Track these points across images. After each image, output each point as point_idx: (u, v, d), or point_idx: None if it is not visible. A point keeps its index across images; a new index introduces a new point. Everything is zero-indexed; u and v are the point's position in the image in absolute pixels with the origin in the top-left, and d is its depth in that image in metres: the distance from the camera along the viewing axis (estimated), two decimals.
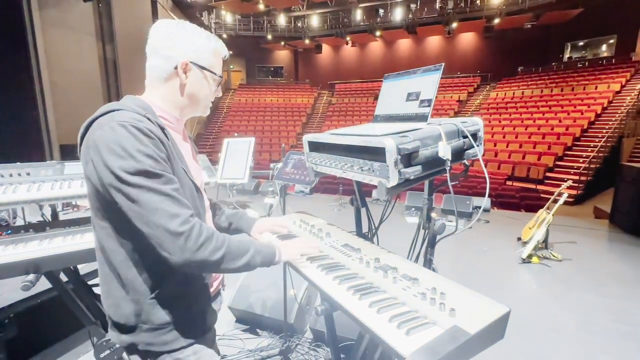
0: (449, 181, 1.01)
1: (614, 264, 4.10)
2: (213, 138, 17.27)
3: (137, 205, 0.79)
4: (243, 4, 16.41)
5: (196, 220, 0.86)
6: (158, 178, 0.82)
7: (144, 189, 0.79)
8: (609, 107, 12.43)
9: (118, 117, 0.84)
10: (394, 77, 1.30)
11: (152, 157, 0.82)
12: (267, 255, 1.01)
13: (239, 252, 0.93)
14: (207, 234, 0.86)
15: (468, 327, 0.71)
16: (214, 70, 1.01)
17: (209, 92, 1.03)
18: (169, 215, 0.80)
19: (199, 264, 0.85)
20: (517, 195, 8.51)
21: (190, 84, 0.98)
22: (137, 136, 0.81)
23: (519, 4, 14.98)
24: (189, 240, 0.82)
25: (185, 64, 0.95)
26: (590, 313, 2.96)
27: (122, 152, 0.79)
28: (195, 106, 1.03)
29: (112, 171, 0.79)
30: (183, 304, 0.96)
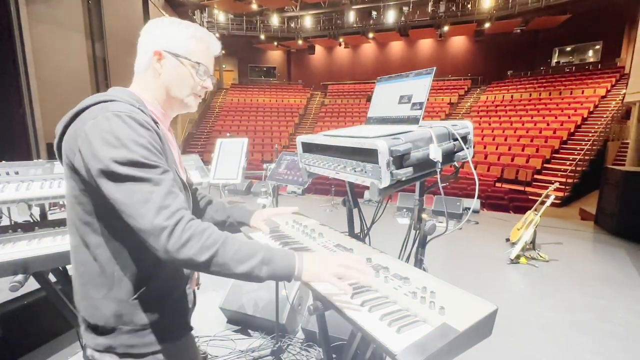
0: (439, 183, 1.04)
1: (598, 264, 4.21)
2: (204, 138, 17.14)
3: (125, 196, 0.75)
4: (236, 3, 16.34)
5: (185, 213, 0.78)
6: (151, 168, 0.77)
7: (135, 179, 0.75)
8: (595, 111, 12.75)
9: (112, 107, 0.80)
10: (386, 80, 1.33)
11: (146, 148, 0.78)
12: (280, 268, 0.83)
13: (238, 257, 0.80)
14: (194, 229, 0.77)
15: (457, 324, 0.73)
16: (191, 58, 0.94)
17: (192, 82, 0.96)
18: (157, 207, 0.74)
19: (184, 263, 0.77)
20: (505, 197, 8.66)
21: (166, 74, 0.93)
22: (132, 126, 0.78)
23: (509, 9, 15.26)
24: (172, 236, 0.74)
25: (159, 53, 0.91)
26: (576, 312, 3.03)
27: (115, 141, 0.75)
28: (177, 99, 0.97)
29: (103, 161, 0.75)
30: (167, 303, 0.92)
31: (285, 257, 0.85)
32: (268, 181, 1.83)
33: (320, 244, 1.23)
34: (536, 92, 15.09)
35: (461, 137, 1.09)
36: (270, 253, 0.83)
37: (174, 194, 0.79)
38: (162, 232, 0.74)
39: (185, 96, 0.97)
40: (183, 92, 0.96)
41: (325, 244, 1.23)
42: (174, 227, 0.75)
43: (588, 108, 12.80)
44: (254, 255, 0.81)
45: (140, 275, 0.87)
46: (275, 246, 1.25)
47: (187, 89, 0.97)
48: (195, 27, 0.97)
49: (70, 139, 0.81)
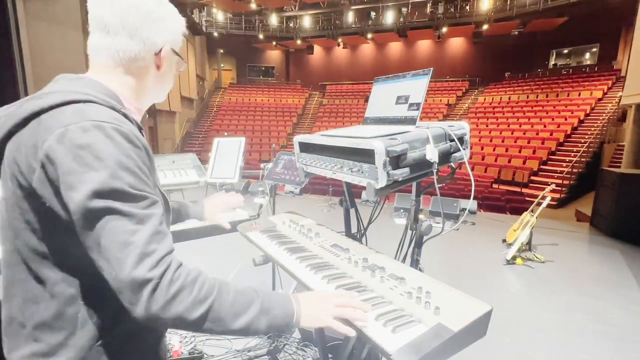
0: (435, 183, 1.04)
1: (593, 265, 4.23)
2: (202, 137, 17.10)
3: (99, 235, 0.59)
4: (235, 3, 16.32)
5: (173, 259, 0.63)
6: (137, 202, 0.61)
7: (114, 214, 0.59)
8: (591, 113, 12.84)
9: (91, 114, 0.63)
10: (384, 81, 1.33)
11: (134, 174, 0.62)
12: (280, 316, 0.72)
13: (235, 309, 0.67)
14: (184, 279, 0.62)
15: (452, 324, 0.73)
16: (182, 55, 0.87)
17: (174, 76, 0.90)
18: (139, 254, 0.59)
19: (170, 322, 0.61)
20: (502, 198, 8.69)
21: (165, 72, 0.84)
22: (119, 143, 0.62)
23: (507, 11, 15.35)
24: (157, 291, 0.59)
25: (168, 49, 0.81)
26: (571, 313, 3.05)
27: (95, 163, 0.59)
28: (161, 95, 0.89)
29: (77, 188, 0.58)
30: (136, 344, 0.76)
31: (283, 303, 0.74)
32: (265, 181, 1.83)
33: (317, 244, 1.23)
34: (533, 94, 15.17)
35: (458, 138, 1.09)
36: (267, 300, 0.72)
37: (161, 235, 0.63)
38: (144, 286, 0.58)
39: (168, 90, 0.90)
40: (169, 86, 0.89)
41: (322, 243, 1.23)
42: (159, 280, 0.59)
43: (585, 110, 12.88)
44: (251, 305, 0.69)
45: (111, 315, 0.71)
46: (273, 247, 1.25)
47: (172, 83, 0.89)
48: (180, 17, 0.86)
49: (23, 148, 0.63)
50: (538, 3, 14.44)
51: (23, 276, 0.69)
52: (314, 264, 1.09)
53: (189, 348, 2.29)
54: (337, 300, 0.78)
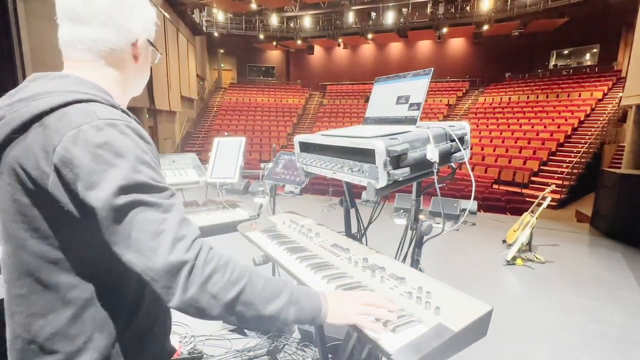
0: (436, 183, 1.04)
1: (594, 266, 4.23)
2: (202, 137, 17.09)
3: (130, 229, 0.59)
4: (235, 3, 16.32)
5: (204, 243, 0.65)
6: (160, 192, 0.63)
7: (142, 206, 0.60)
8: (592, 114, 12.84)
9: (100, 112, 0.63)
10: (384, 81, 1.33)
11: (151, 167, 0.64)
12: (307, 309, 0.71)
13: (266, 294, 0.67)
14: (217, 261, 0.64)
15: (452, 324, 0.73)
16: (157, 46, 0.83)
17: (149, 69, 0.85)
18: (172, 239, 0.60)
19: (205, 304, 0.61)
20: (502, 199, 8.69)
21: (143, 64, 0.81)
22: (133, 138, 0.63)
23: (507, 11, 15.35)
24: (194, 273, 0.60)
25: (144, 40, 0.78)
26: (570, 313, 3.05)
27: (115, 160, 0.59)
28: (139, 88, 0.85)
29: (98, 185, 0.58)
30: (150, 342, 0.77)
31: (311, 296, 0.74)
32: (265, 180, 1.83)
33: (317, 244, 1.23)
34: (534, 95, 15.17)
35: (458, 138, 1.09)
36: (296, 291, 0.72)
37: (187, 221, 0.65)
38: (182, 269, 0.59)
39: (145, 83, 0.86)
40: (146, 79, 0.85)
41: (322, 243, 1.23)
42: (194, 261, 0.61)
43: (585, 111, 12.88)
44: (280, 293, 0.69)
45: (127, 313, 0.72)
46: (273, 247, 1.25)
47: (148, 75, 0.85)
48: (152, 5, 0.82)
49: (30, 154, 0.61)
50: (538, 4, 14.44)
51: (24, 291, 0.67)
52: (314, 263, 1.09)
53: (189, 348, 2.29)
54: (363, 300, 0.78)
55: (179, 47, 14.68)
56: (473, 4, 16.37)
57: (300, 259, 1.11)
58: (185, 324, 2.49)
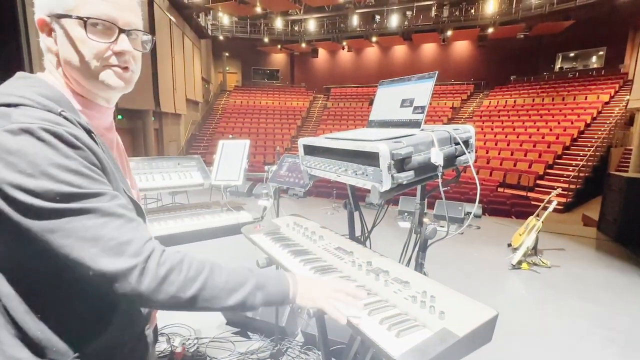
0: (440, 187, 1.03)
1: (600, 271, 4.17)
2: (207, 139, 17.18)
3: (63, 236, 0.55)
4: (240, 7, 16.43)
5: (155, 244, 0.63)
6: (94, 197, 0.58)
7: (74, 214, 0.56)
8: (598, 117, 12.72)
9: (19, 116, 0.56)
10: (388, 84, 1.33)
11: (80, 174, 0.58)
12: (274, 293, 0.74)
13: (229, 286, 0.67)
14: (172, 261, 0.62)
15: (457, 329, 0.73)
16: (74, 12, 0.65)
17: (91, 49, 0.66)
18: (116, 244, 0.57)
19: (166, 304, 0.61)
20: (508, 202, 8.62)
21: (61, 50, 0.67)
22: (53, 145, 0.56)
23: (512, 14, 15.30)
24: (145, 275, 0.58)
25: (44, 22, 0.66)
26: (577, 319, 3.01)
27: (29, 168, 0.54)
28: (86, 80, 0.69)
29: (14, 197, 0.53)
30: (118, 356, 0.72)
31: (279, 280, 0.76)
32: (269, 183, 1.83)
33: (320, 247, 1.23)
34: (539, 98, 15.07)
35: (463, 141, 1.09)
36: (262, 277, 0.73)
37: (135, 223, 0.62)
38: (131, 274, 0.58)
39: (94, 73, 0.68)
40: (86, 67, 0.68)
41: (326, 246, 1.23)
42: (145, 264, 0.59)
43: (591, 114, 12.76)
44: (246, 282, 0.70)
45: (83, 327, 0.66)
46: (277, 249, 1.25)
47: (91, 61, 0.67)
48: None
49: None
50: (544, 6, 14.38)
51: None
52: (317, 266, 1.08)
53: (192, 350, 2.29)
54: (333, 285, 0.81)
55: (185, 50, 14.81)
56: (478, 7, 16.34)
57: (304, 262, 1.11)
58: (189, 325, 2.49)
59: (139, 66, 0.77)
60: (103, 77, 0.69)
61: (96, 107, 0.74)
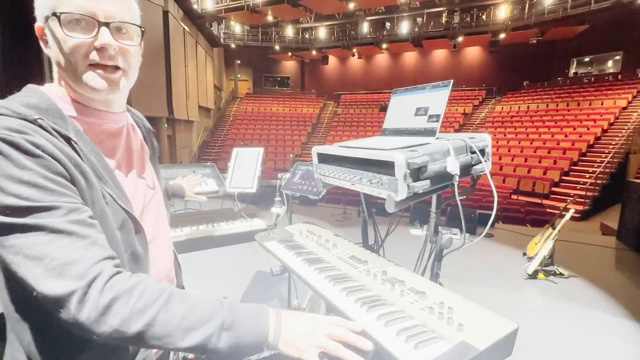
0: (457, 196, 1.02)
1: (621, 281, 4.04)
2: (219, 146, 17.41)
3: (12, 253, 0.53)
4: (252, 15, 16.72)
5: (104, 267, 0.56)
6: (45, 211, 0.54)
7: (21, 230, 0.52)
8: (616, 123, 12.41)
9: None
10: (402, 92, 1.33)
11: (33, 185, 0.54)
12: (246, 336, 0.59)
13: (186, 322, 0.57)
14: (120, 288, 0.55)
15: (476, 342, 0.71)
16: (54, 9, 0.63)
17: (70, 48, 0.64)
18: (58, 265, 0.52)
19: (108, 337, 0.54)
20: (522, 210, 8.45)
21: (51, 52, 0.67)
22: (9, 156, 0.54)
23: (525, 19, 15.14)
24: (85, 303, 0.52)
25: (41, 29, 0.67)
26: (597, 331, 2.90)
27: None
28: (73, 82, 0.67)
29: None
30: None
31: (256, 318, 0.61)
32: (283, 190, 1.84)
33: (334, 255, 1.23)
34: (553, 103, 14.81)
35: (479, 150, 1.08)
36: (233, 313, 0.60)
37: (87, 241, 0.56)
38: (70, 299, 0.52)
39: (78, 75, 0.66)
40: (72, 68, 0.66)
41: (340, 255, 1.23)
42: (86, 289, 0.53)
43: (608, 119, 12.47)
44: (210, 319, 0.58)
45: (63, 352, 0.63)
46: (291, 257, 1.25)
47: (76, 61, 0.65)
48: None
49: None
50: (557, 11, 14.20)
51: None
52: (332, 275, 1.08)
53: None
54: (328, 329, 0.66)
55: (198, 58, 15.12)
56: (489, 13, 16.24)
57: (319, 271, 1.11)
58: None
59: (133, 63, 0.72)
60: (86, 79, 0.66)
61: (95, 113, 0.71)
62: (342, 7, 16.50)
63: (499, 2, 15.53)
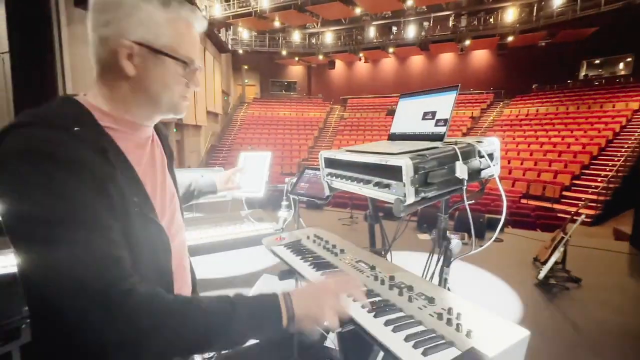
0: (465, 201, 1.02)
1: (634, 288, 3.94)
2: (226, 150, 17.55)
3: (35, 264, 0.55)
4: (259, 21, 16.92)
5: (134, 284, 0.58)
6: (70, 225, 0.55)
7: (45, 242, 0.54)
8: (628, 125, 12.19)
9: (16, 138, 0.57)
10: (410, 96, 1.33)
11: (62, 197, 0.55)
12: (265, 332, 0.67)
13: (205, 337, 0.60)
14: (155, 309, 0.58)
15: (486, 349, 0.70)
16: (175, 54, 0.69)
17: (174, 84, 0.71)
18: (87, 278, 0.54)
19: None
20: (532, 214, 8.32)
21: (140, 76, 0.68)
22: (39, 167, 0.55)
23: (533, 22, 15.02)
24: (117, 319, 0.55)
25: (129, 47, 0.65)
26: (610, 338, 2.83)
27: (10, 190, 0.55)
28: (157, 105, 0.72)
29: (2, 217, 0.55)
30: None
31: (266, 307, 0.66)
32: (290, 194, 1.85)
33: (342, 260, 1.22)
34: (563, 106, 14.62)
35: (487, 154, 1.07)
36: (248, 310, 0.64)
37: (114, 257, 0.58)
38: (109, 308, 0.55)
39: (172, 100, 0.73)
40: (168, 96, 0.72)
41: (347, 259, 1.22)
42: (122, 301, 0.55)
43: (620, 122, 12.25)
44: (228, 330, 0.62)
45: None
46: (298, 262, 1.25)
47: (174, 92, 0.72)
48: (178, 5, 0.69)
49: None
50: (566, 13, 14.06)
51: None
52: None
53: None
54: (335, 288, 0.75)
55: (206, 64, 15.31)
56: (497, 16, 16.16)
57: (326, 275, 1.11)
58: None
59: None
60: (182, 109, 0.77)
61: (129, 124, 0.73)
62: (348, 12, 16.60)
63: (507, 4, 15.45)
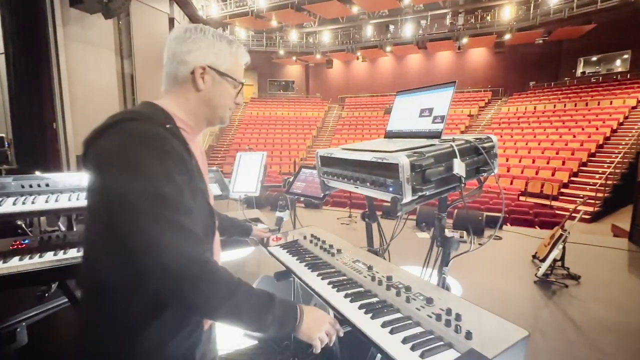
0: (463, 198, 1.00)
1: (633, 284, 3.94)
2: (224, 150, 17.51)
3: (140, 235, 0.66)
4: (257, 21, 16.87)
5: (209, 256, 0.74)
6: (173, 207, 0.68)
7: (153, 217, 0.66)
8: (625, 122, 12.21)
9: (132, 128, 0.73)
10: (406, 93, 1.31)
11: (169, 179, 0.70)
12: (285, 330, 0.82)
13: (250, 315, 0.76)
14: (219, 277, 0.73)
15: (486, 351, 0.69)
16: (234, 76, 0.94)
17: (228, 99, 0.95)
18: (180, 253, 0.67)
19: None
20: (530, 212, 8.32)
21: (207, 91, 0.90)
22: (154, 152, 0.70)
23: (530, 20, 15.03)
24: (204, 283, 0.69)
25: (203, 68, 0.88)
26: (610, 335, 2.83)
27: (130, 169, 0.68)
28: (213, 115, 0.94)
29: (117, 191, 0.67)
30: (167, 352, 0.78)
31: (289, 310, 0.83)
32: (287, 194, 1.83)
33: (339, 260, 1.21)
34: (561, 103, 14.63)
35: (486, 151, 1.06)
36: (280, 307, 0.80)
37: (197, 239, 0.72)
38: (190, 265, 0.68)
39: (222, 113, 0.95)
40: (220, 110, 0.94)
41: (344, 259, 1.21)
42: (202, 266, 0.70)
43: (617, 119, 12.27)
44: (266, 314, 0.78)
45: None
46: (294, 262, 1.23)
47: (225, 107, 0.95)
48: (237, 44, 0.97)
49: (91, 159, 0.75)
50: (563, 11, 14.07)
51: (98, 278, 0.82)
52: (336, 281, 1.06)
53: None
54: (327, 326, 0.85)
55: None
56: (494, 14, 16.16)
57: (322, 276, 1.09)
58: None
59: None
60: (226, 116, 0.97)
61: (194, 131, 0.93)
62: (345, 10, 16.56)
63: (504, 3, 15.45)
